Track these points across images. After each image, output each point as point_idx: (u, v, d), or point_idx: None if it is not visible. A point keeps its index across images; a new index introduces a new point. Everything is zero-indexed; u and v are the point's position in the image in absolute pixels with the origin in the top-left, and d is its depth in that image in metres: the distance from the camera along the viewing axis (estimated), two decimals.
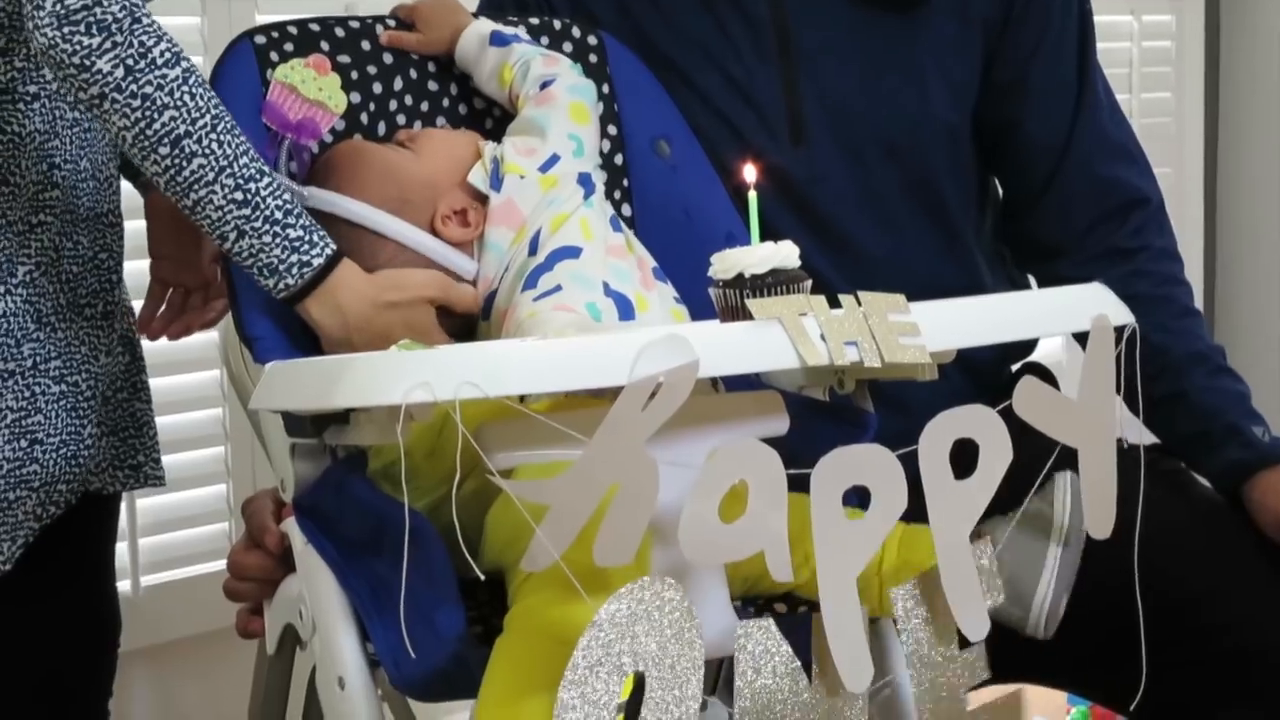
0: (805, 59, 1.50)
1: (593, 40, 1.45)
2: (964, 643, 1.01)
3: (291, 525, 1.14)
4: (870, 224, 1.52)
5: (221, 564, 2.16)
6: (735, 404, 1.12)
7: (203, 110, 1.16)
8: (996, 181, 1.66)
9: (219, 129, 1.16)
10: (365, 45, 1.35)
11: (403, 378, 0.88)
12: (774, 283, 1.00)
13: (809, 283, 1.02)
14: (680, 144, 1.45)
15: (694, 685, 0.88)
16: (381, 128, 1.36)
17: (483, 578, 0.94)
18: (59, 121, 1.33)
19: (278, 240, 1.17)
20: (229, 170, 1.16)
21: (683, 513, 0.88)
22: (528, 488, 0.93)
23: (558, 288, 1.23)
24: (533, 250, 1.28)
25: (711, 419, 1.03)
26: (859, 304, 0.96)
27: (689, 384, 0.86)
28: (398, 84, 1.37)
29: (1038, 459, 1.03)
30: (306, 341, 1.23)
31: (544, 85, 1.35)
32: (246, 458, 1.99)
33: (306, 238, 1.18)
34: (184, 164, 1.15)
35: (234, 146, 1.17)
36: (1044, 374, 1.54)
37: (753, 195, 1.06)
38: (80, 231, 1.36)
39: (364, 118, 1.35)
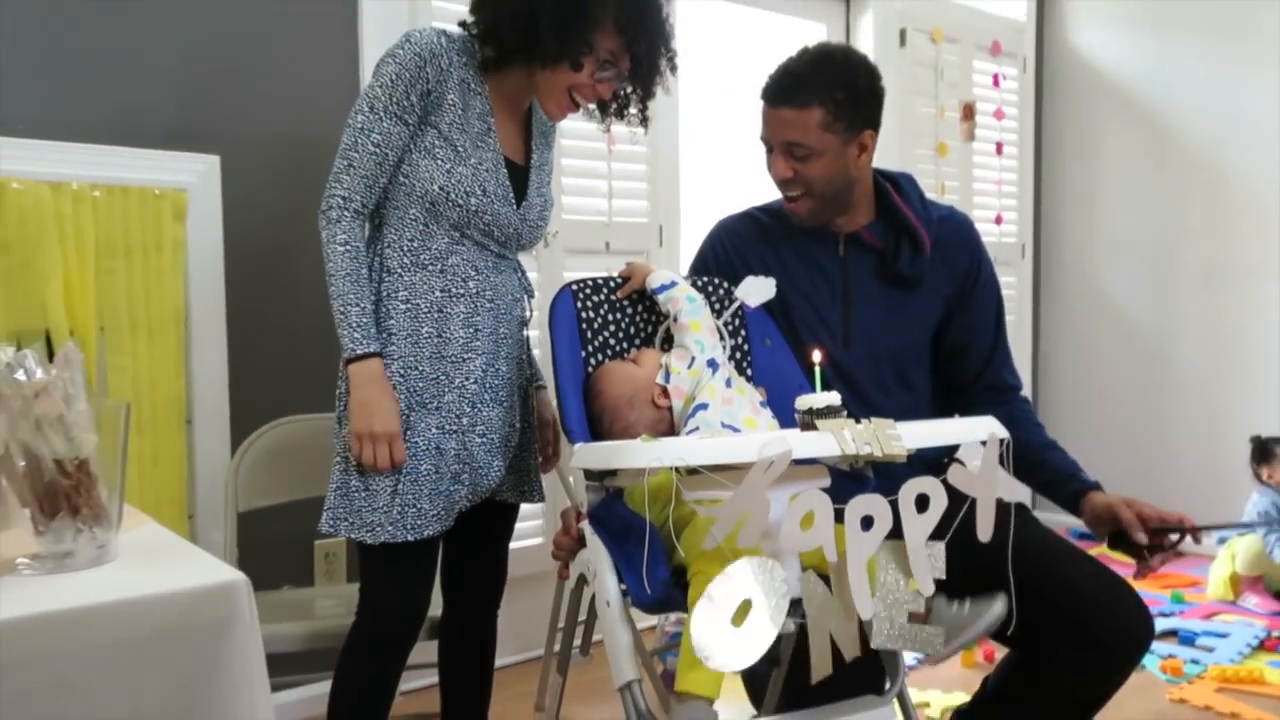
0: (855, 305, 2.41)
1: (725, 291, 2.38)
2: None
3: (585, 525, 1.90)
4: (880, 393, 2.40)
5: (542, 546, 3.26)
6: (805, 471, 1.85)
7: (335, 270, 2.11)
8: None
9: (339, 277, 2.10)
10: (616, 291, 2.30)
11: (645, 455, 1.66)
12: (828, 413, 1.76)
13: (845, 412, 1.79)
14: (776, 339, 2.34)
15: (783, 594, 1.57)
16: (624, 344, 2.28)
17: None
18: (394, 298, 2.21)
19: (342, 333, 2.12)
20: (337, 301, 2.12)
21: (782, 525, 1.58)
22: (707, 510, 1.71)
23: (698, 429, 2.03)
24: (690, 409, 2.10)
25: (794, 479, 1.75)
26: (870, 423, 1.70)
27: (786, 461, 1.56)
28: (629, 310, 2.30)
29: (961, 505, 1.66)
30: (594, 433, 2.06)
31: (676, 319, 2.20)
32: (551, 494, 2.86)
33: (348, 341, 2.10)
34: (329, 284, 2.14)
35: (343, 291, 2.10)
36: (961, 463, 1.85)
37: (817, 369, 1.87)
38: (424, 361, 2.22)
39: (618, 331, 2.30)
